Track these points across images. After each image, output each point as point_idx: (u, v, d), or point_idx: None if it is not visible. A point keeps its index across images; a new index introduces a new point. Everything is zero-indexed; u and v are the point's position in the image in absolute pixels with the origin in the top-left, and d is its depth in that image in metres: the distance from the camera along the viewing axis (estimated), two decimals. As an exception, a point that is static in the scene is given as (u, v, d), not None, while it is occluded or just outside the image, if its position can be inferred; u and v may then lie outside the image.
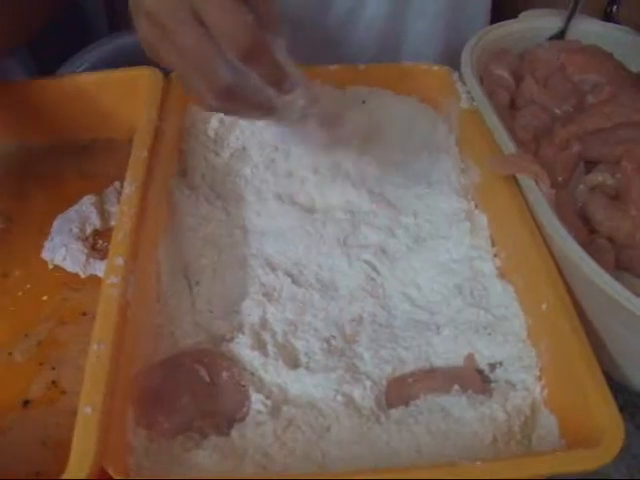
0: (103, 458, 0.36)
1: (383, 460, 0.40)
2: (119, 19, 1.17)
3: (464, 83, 0.57)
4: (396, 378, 0.44)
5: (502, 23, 0.61)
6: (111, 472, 0.36)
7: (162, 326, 0.46)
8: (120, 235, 0.44)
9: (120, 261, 0.43)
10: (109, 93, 0.60)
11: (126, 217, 0.45)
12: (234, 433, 0.41)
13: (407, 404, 0.43)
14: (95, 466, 0.35)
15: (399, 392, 0.44)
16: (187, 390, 0.42)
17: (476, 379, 0.44)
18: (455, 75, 0.58)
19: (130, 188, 0.47)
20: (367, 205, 0.53)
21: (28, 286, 0.52)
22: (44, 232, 0.55)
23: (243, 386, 0.43)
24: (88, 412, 0.37)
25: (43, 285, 0.52)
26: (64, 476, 0.35)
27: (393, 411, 0.42)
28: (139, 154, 0.50)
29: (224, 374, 0.43)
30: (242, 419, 0.42)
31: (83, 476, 0.35)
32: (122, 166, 0.54)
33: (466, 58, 0.56)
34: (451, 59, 0.60)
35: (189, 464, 0.39)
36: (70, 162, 0.61)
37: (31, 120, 0.61)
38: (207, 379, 0.43)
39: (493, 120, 0.51)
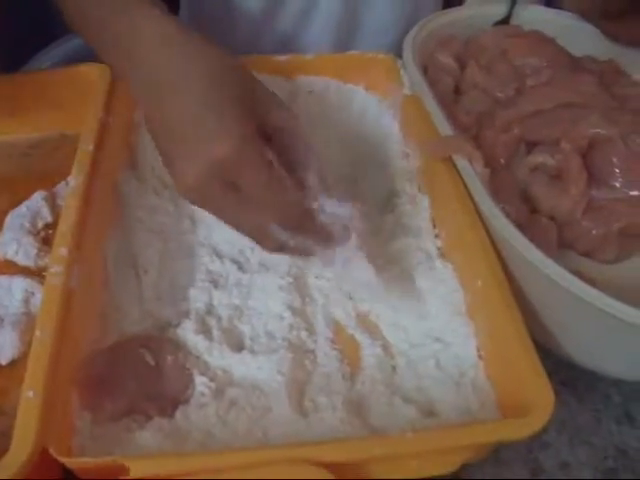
0: (46, 440, 0.38)
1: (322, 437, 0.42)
2: None
3: (407, 70, 0.59)
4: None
5: (447, 10, 0.64)
6: (53, 453, 0.38)
7: (109, 314, 0.47)
8: (64, 227, 0.46)
9: (63, 251, 0.45)
10: (59, 89, 0.61)
11: (71, 209, 0.47)
12: (178, 415, 0.43)
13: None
14: (37, 448, 0.37)
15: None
16: (132, 374, 0.44)
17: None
18: (400, 63, 0.60)
19: (76, 181, 0.49)
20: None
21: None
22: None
23: (188, 369, 0.45)
24: (30, 396, 0.39)
25: (-5, 279, 0.53)
26: (6, 458, 0.37)
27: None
28: (85, 148, 0.51)
29: (169, 358, 0.45)
30: (186, 401, 0.44)
31: (24, 457, 0.36)
32: (71, 161, 0.57)
33: (407, 46, 0.58)
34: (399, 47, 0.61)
35: (133, 445, 0.41)
36: (20, 159, 0.63)
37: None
38: (152, 363, 0.45)
39: (432, 105, 0.54)
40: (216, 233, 0.53)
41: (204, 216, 0.54)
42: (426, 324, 0.49)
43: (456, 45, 0.61)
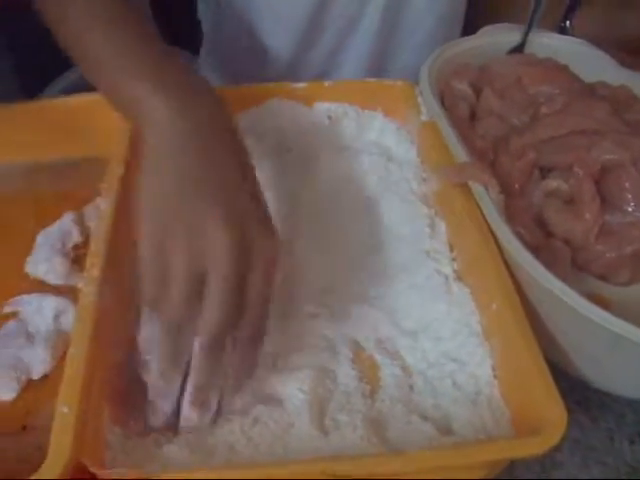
0: (80, 453, 0.40)
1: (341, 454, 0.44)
2: None
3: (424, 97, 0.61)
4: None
5: (462, 39, 0.66)
6: (88, 465, 0.40)
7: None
8: (96, 247, 0.49)
9: (95, 272, 0.47)
10: (86, 114, 0.64)
11: (101, 231, 0.50)
12: (204, 430, 0.45)
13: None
14: (71, 460, 0.39)
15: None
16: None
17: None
18: (417, 89, 0.63)
19: (106, 204, 0.52)
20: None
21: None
22: (27, 248, 0.59)
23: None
24: (65, 411, 0.41)
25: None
26: (42, 470, 0.39)
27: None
28: (115, 170, 0.54)
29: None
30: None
31: (59, 469, 0.39)
32: (97, 184, 0.60)
33: (424, 74, 0.60)
34: None
35: (161, 459, 0.43)
36: (48, 180, 0.66)
37: (9, 141, 0.66)
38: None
39: (448, 132, 0.56)
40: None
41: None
42: (443, 345, 0.51)
43: (471, 72, 0.64)
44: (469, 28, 0.73)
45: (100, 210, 0.52)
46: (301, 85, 0.64)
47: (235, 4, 0.73)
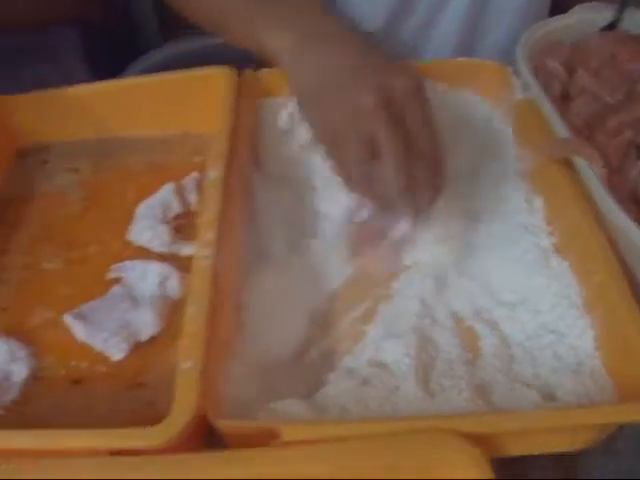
0: (203, 406, 0.43)
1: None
2: (169, 30, 1.28)
3: (518, 76, 0.63)
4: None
5: (554, 18, 0.67)
6: (210, 417, 0.43)
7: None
8: (208, 214, 0.52)
9: (210, 236, 0.50)
10: (183, 91, 0.67)
11: (212, 199, 0.53)
12: (320, 392, 0.48)
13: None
14: (195, 414, 0.42)
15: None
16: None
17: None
18: (510, 69, 0.64)
19: (214, 173, 0.54)
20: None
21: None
22: (127, 218, 0.63)
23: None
24: (188, 366, 0.44)
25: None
26: (166, 421, 0.42)
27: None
28: (221, 144, 0.57)
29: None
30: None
31: (184, 422, 0.41)
32: (196, 157, 0.63)
33: (519, 52, 0.62)
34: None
35: (280, 410, 0.45)
36: (146, 154, 0.69)
37: (112, 116, 0.69)
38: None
39: (548, 108, 0.57)
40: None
41: (323, 210, 0.60)
42: (541, 317, 0.52)
43: (564, 51, 0.65)
44: (555, 9, 0.73)
45: (208, 180, 0.54)
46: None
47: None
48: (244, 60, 0.69)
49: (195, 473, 0.39)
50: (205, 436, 0.45)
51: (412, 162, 0.49)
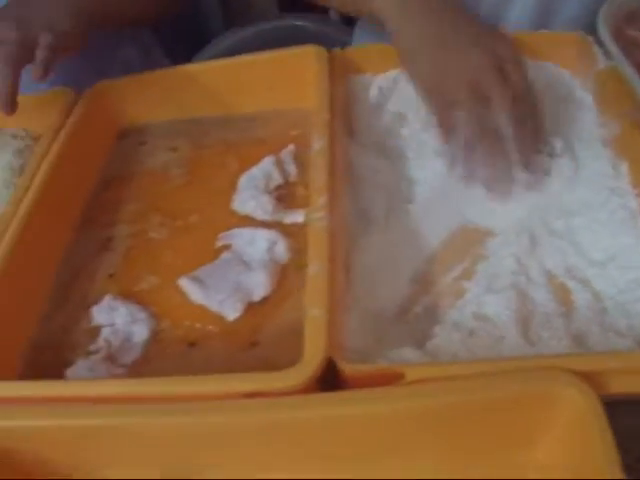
0: (330, 351, 0.48)
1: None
2: (233, 17, 1.34)
3: (600, 46, 0.66)
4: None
5: (633, -13, 0.71)
6: (338, 362, 0.48)
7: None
8: (318, 181, 0.57)
9: (323, 200, 0.55)
10: (275, 70, 0.72)
11: (320, 167, 0.58)
12: (430, 342, 0.52)
13: None
14: (325, 358, 0.47)
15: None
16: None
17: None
18: (590, 39, 0.68)
19: (319, 144, 0.59)
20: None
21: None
22: (230, 189, 0.68)
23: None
24: (316, 314, 0.49)
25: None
26: (299, 367, 0.46)
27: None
28: (323, 116, 0.62)
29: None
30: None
31: (315, 365, 0.46)
32: (292, 131, 0.68)
33: (601, 21, 0.65)
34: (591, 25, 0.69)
35: (396, 357, 0.50)
36: (243, 129, 0.74)
37: (206, 96, 0.75)
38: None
39: (632, 75, 0.61)
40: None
41: (418, 177, 0.64)
42: (632, 273, 0.56)
43: (641, 20, 0.68)
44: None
45: (314, 150, 0.59)
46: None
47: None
48: (306, 42, 0.74)
49: (339, 409, 0.44)
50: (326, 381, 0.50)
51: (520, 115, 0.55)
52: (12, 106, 0.64)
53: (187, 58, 1.08)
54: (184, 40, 1.10)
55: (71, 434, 0.48)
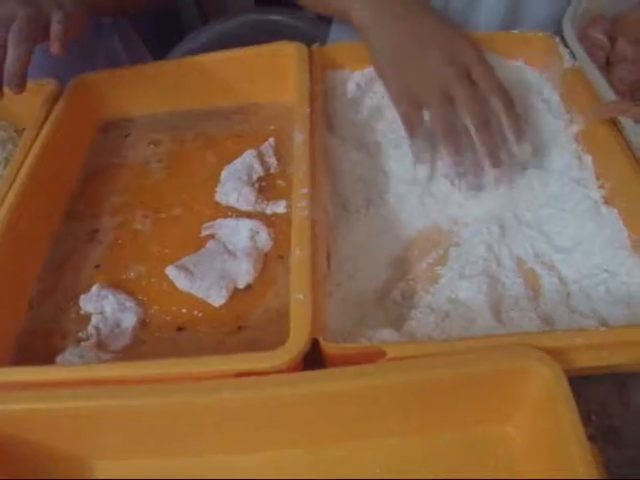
0: (314, 332, 0.51)
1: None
2: (209, 10, 1.37)
3: (566, 46, 0.71)
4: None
5: (595, -8, 0.76)
6: (322, 342, 0.51)
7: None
8: (301, 172, 0.60)
9: (305, 190, 0.59)
10: (254, 65, 0.76)
11: (302, 158, 0.61)
12: (405, 325, 0.56)
13: None
14: (310, 339, 0.51)
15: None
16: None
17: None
18: (557, 39, 0.73)
19: (301, 136, 0.63)
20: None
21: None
22: (213, 181, 0.71)
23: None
24: (301, 297, 0.52)
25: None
26: (286, 346, 0.50)
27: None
28: (303, 110, 0.66)
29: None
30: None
31: (302, 345, 0.50)
32: (271, 125, 0.72)
33: (567, 22, 0.70)
34: (556, 26, 0.74)
35: (376, 337, 0.54)
36: (222, 122, 0.78)
37: (188, 90, 0.78)
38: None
39: (595, 74, 0.66)
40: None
41: (394, 170, 0.68)
42: (594, 259, 0.61)
43: (605, 22, 0.73)
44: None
45: (296, 142, 0.63)
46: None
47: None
48: (281, 37, 0.77)
49: (327, 385, 0.48)
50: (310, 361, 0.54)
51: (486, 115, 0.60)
52: (23, 86, 0.64)
53: (163, 51, 1.11)
54: (160, 32, 1.13)
55: (65, 417, 0.51)
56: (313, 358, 0.52)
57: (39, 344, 0.62)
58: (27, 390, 0.53)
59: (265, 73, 0.75)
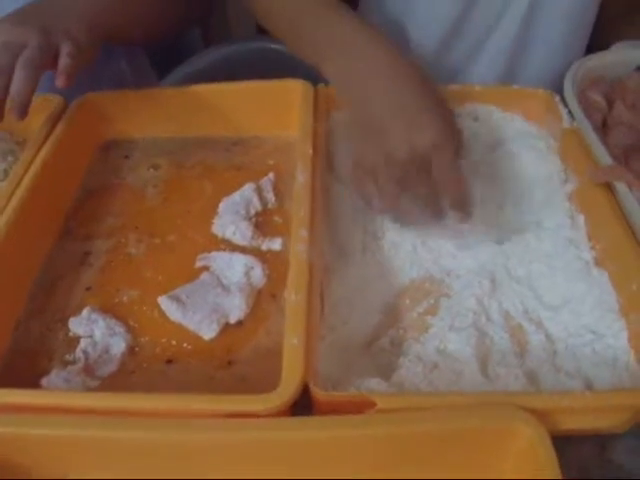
0: (306, 377, 0.53)
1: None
2: (211, 35, 1.39)
3: (565, 105, 0.74)
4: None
5: (598, 54, 0.79)
6: (313, 388, 0.53)
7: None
8: (301, 212, 0.62)
9: (304, 233, 0.60)
10: (259, 99, 0.78)
11: (303, 199, 0.63)
12: (394, 375, 0.58)
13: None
14: (301, 384, 0.52)
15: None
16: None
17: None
18: (557, 98, 0.75)
19: (303, 176, 0.65)
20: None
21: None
22: (209, 212, 0.72)
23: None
24: (295, 342, 0.54)
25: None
26: (277, 391, 0.51)
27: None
28: (305, 150, 0.67)
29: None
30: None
31: (293, 391, 0.51)
32: (270, 159, 0.74)
33: (568, 83, 0.73)
34: (552, 83, 0.77)
35: (363, 386, 0.55)
36: (223, 153, 0.79)
37: (192, 117, 0.79)
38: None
39: (592, 137, 0.68)
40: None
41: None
42: (582, 319, 0.63)
43: (604, 85, 0.76)
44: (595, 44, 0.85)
45: (297, 183, 0.64)
46: (455, 87, 0.77)
47: (386, 12, 0.86)
48: (282, 66, 0.79)
49: (318, 433, 0.49)
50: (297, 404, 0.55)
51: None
52: (25, 113, 0.66)
53: (164, 74, 1.13)
54: (162, 53, 1.14)
55: (48, 444, 0.51)
56: (301, 401, 0.53)
57: (25, 364, 0.63)
58: (10, 413, 0.54)
59: (269, 107, 0.77)
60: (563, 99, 0.74)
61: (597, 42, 0.86)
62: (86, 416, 0.52)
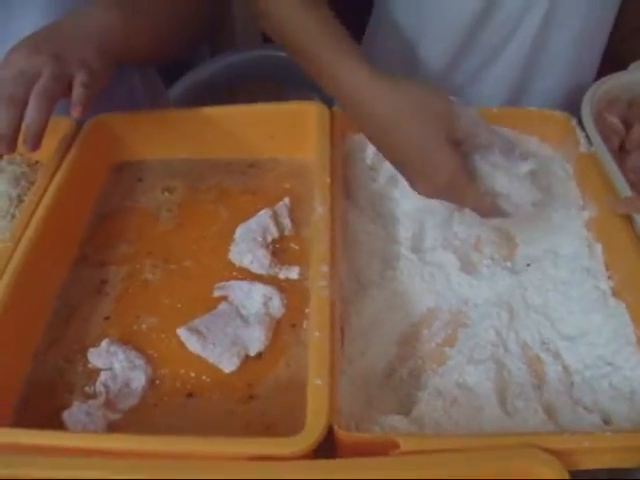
0: (331, 418, 0.54)
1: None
2: (218, 44, 1.39)
3: (582, 129, 0.75)
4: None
5: (615, 74, 0.79)
6: (337, 430, 0.54)
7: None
8: (321, 248, 0.63)
9: (325, 268, 0.61)
10: (275, 121, 0.78)
11: (323, 233, 0.64)
12: (414, 410, 0.59)
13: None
14: (326, 426, 0.53)
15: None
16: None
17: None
18: (574, 121, 0.76)
19: (322, 208, 0.66)
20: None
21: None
22: (226, 238, 0.74)
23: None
24: (319, 383, 0.55)
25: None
26: (303, 434, 0.52)
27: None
28: (323, 179, 0.68)
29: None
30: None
31: (318, 433, 0.52)
32: (286, 183, 0.75)
33: (586, 107, 0.73)
34: (566, 105, 0.78)
35: (387, 425, 0.57)
36: (239, 176, 0.81)
37: (206, 139, 0.80)
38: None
39: (611, 165, 0.69)
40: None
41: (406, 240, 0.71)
42: (599, 350, 0.64)
43: (621, 106, 0.77)
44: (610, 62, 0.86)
45: (317, 214, 0.65)
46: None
47: (399, 25, 0.86)
48: (287, 74, 0.80)
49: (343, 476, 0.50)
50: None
51: None
52: (38, 145, 0.66)
53: (171, 82, 1.13)
54: (169, 64, 1.14)
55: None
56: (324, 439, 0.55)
57: (44, 396, 0.64)
58: (30, 453, 0.55)
59: (285, 130, 0.78)
60: (580, 121, 0.75)
61: (613, 58, 0.87)
62: (101, 458, 0.53)
